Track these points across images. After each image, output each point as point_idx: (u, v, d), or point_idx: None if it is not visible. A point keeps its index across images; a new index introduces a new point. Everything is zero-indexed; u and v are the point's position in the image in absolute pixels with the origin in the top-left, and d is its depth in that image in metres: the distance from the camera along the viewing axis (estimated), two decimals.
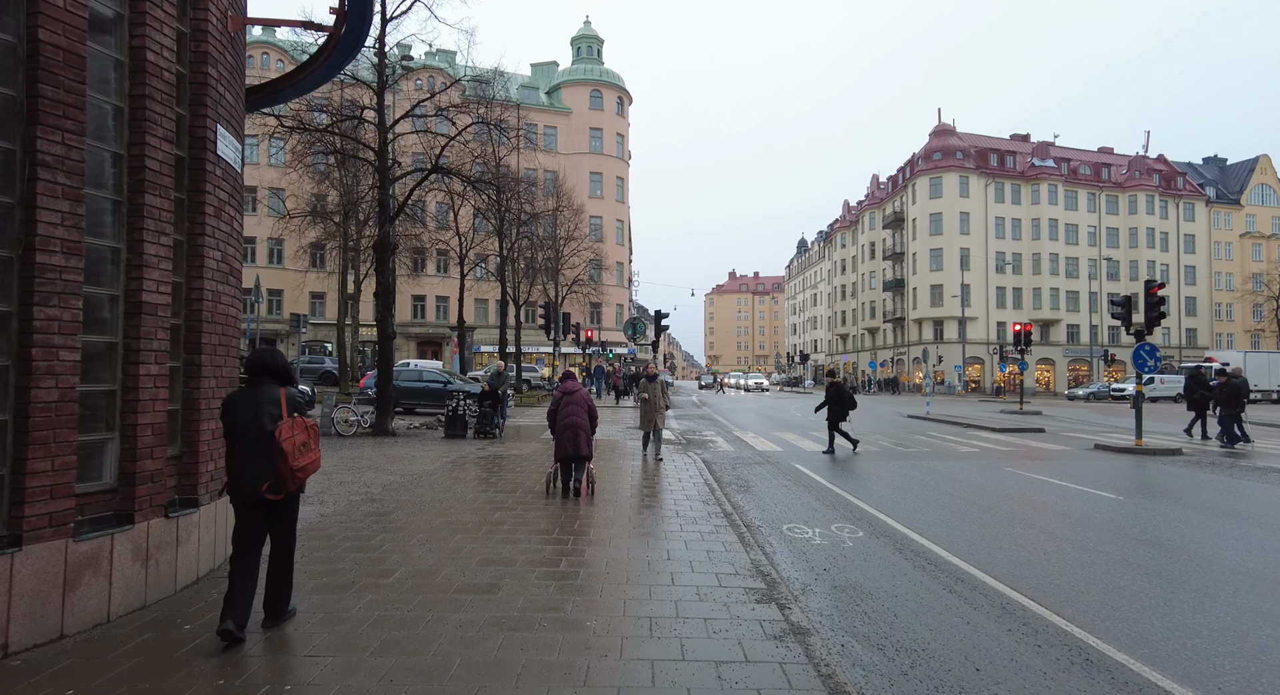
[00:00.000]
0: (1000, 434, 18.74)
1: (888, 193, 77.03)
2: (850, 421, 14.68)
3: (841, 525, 7.86)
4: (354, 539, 6.49)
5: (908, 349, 70.11)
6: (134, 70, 4.62)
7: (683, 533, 6.93)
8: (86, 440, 4.32)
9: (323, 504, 8.01)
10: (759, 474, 11.60)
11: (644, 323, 16.98)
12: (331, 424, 15.18)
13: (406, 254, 39.11)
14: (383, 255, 15.19)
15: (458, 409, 15.28)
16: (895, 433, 19.36)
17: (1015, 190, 66.97)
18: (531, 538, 6.59)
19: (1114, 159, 71.96)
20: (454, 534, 6.69)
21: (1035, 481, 11.00)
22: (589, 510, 7.89)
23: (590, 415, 8.87)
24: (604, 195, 56.79)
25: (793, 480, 11.00)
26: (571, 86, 56.91)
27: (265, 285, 51.79)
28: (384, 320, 15.38)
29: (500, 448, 13.79)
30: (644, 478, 10.33)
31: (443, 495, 8.63)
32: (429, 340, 54.27)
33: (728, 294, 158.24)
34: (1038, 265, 66.32)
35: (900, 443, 16.63)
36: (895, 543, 7.14)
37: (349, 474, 10.17)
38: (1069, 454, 14.68)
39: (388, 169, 15.29)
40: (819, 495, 9.73)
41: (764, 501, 9.27)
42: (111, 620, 4.34)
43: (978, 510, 8.76)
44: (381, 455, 12.36)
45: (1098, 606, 5.22)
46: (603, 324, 55.35)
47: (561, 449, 8.64)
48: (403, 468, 10.89)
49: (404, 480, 9.72)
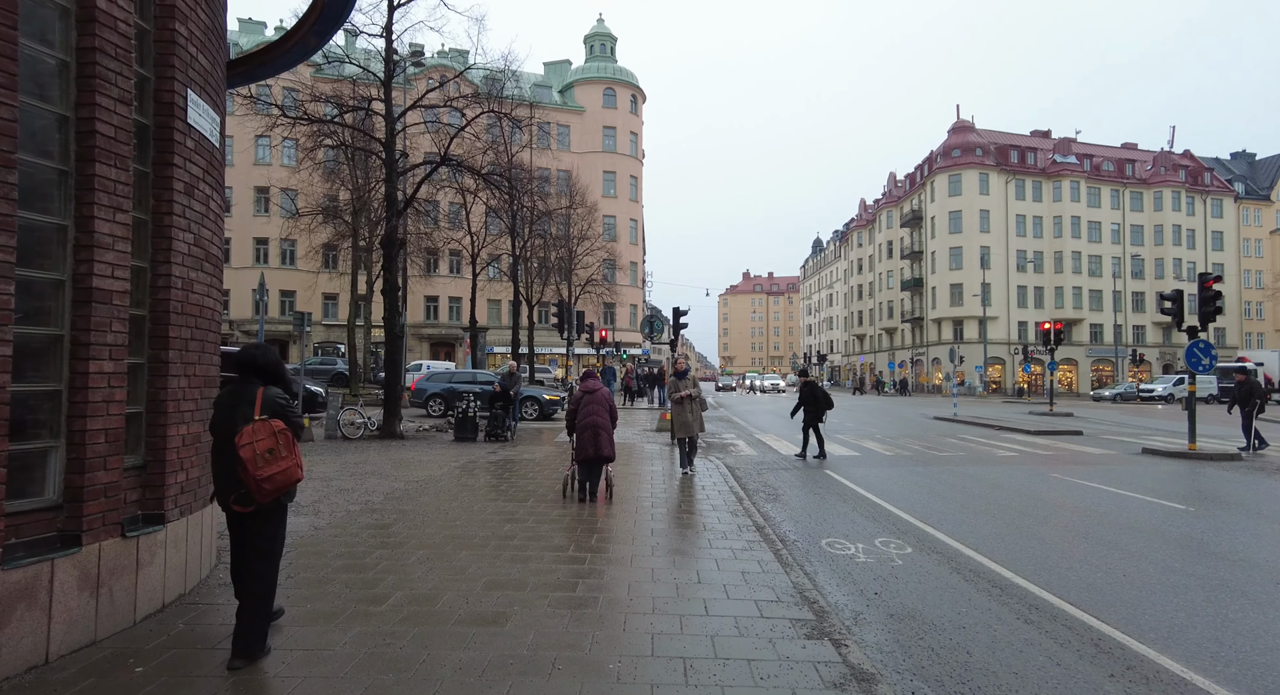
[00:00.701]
0: (1036, 437, 17.86)
1: (905, 191, 75.86)
2: (826, 422, 14.09)
3: (886, 539, 7.12)
4: (348, 556, 5.83)
5: (927, 349, 68.94)
6: (82, 19, 3.98)
7: (712, 550, 6.22)
8: (21, 450, 3.67)
9: (318, 515, 7.37)
10: (787, 481, 10.86)
11: (661, 321, 16.26)
12: (338, 427, 14.59)
13: (419, 254, 38.68)
14: (390, 251, 14.58)
15: (468, 411, 14.64)
16: (924, 435, 18.53)
17: (1036, 187, 65.63)
18: (544, 555, 5.90)
19: (1138, 155, 70.41)
20: (458, 550, 6.01)
21: (1089, 489, 10.17)
22: (607, 521, 7.20)
23: (611, 415, 8.48)
24: (618, 194, 56.15)
25: (824, 487, 10.25)
26: (585, 85, 56.34)
27: (277, 287, 51.98)
28: (391, 318, 14.77)
29: (512, 451, 13.14)
30: (665, 485, 9.62)
31: (448, 504, 7.96)
32: (442, 341, 53.84)
33: (742, 294, 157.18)
34: (1060, 264, 64.93)
35: (931, 446, 15.82)
36: (949, 560, 6.39)
37: (350, 480, 9.53)
38: (1115, 458, 13.81)
39: (395, 162, 14.70)
40: (855, 504, 8.98)
41: (797, 511, 8.53)
42: (51, 661, 3.69)
43: (1033, 522, 7.98)
44: (387, 460, 11.73)
45: (1213, 645, 4.45)
46: (617, 324, 54.72)
47: (582, 449, 8.23)
48: (408, 473, 10.25)
49: (408, 487, 9.07)
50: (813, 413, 13.42)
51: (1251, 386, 14.65)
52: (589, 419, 8.23)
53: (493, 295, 51.73)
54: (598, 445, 8.17)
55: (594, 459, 8.23)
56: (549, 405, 21.45)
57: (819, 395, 13.49)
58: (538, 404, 21.35)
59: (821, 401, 13.41)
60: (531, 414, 21.03)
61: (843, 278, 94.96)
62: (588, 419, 8.24)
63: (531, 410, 21.08)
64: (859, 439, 17.39)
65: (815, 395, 13.46)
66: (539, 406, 21.32)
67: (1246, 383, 14.70)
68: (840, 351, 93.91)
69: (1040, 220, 65.42)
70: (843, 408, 33.83)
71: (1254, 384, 14.77)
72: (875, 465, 12.60)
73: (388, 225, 14.57)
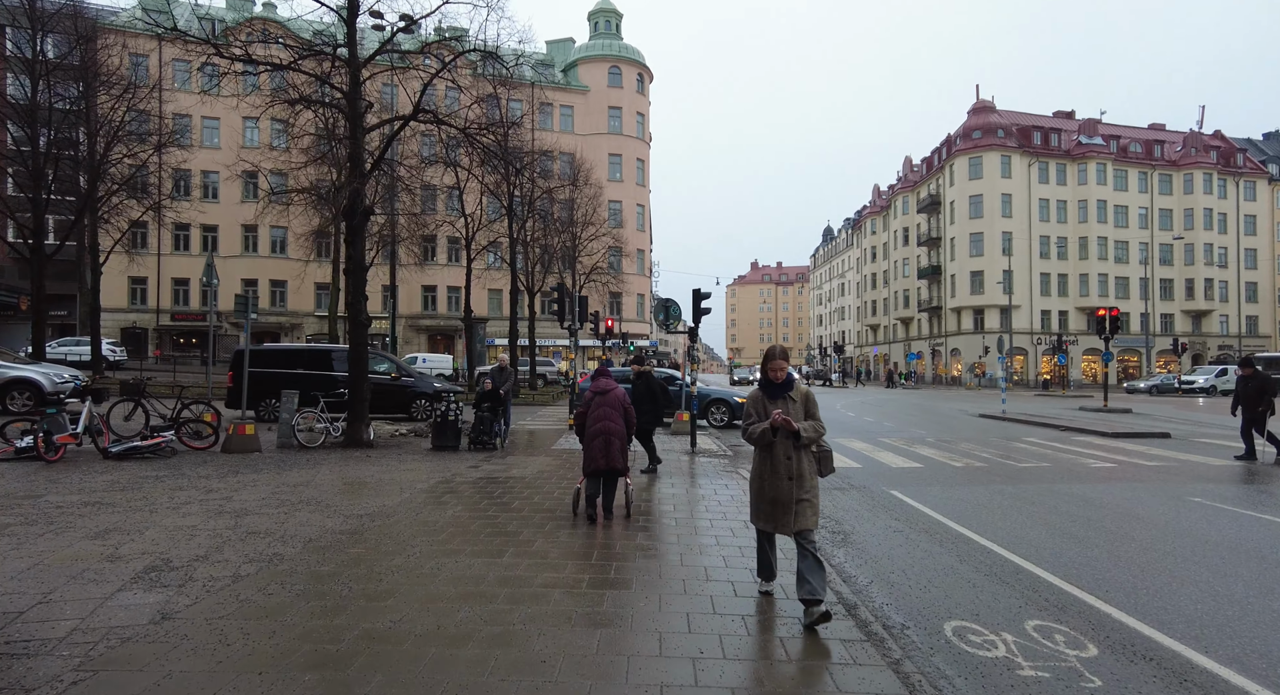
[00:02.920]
0: (1117, 440, 15.33)
1: (922, 175, 73.00)
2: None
3: (1043, 623, 4.68)
4: (182, 684, 3.41)
5: (945, 339, 66.28)
6: None
7: (790, 659, 3.79)
8: None
9: (184, 586, 4.94)
10: (850, 508, 8.41)
11: (677, 307, 13.78)
12: (292, 433, 12.19)
13: (414, 241, 36.28)
14: (354, 222, 12.14)
15: (448, 413, 12.23)
16: (983, 438, 16.04)
17: (1060, 170, 62.73)
18: (521, 684, 3.48)
19: (1166, 136, 67.34)
20: (375, 670, 3.58)
21: (1265, 523, 7.69)
22: (621, 597, 4.77)
23: (627, 419, 7.30)
24: (624, 178, 53.57)
25: (903, 519, 7.80)
26: (589, 63, 53.67)
27: (268, 276, 49.63)
28: (355, 303, 12.35)
29: (500, 465, 10.72)
30: (693, 524, 7.19)
31: (389, 561, 5.55)
32: (441, 332, 51.55)
33: (750, 285, 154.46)
34: (1084, 250, 62.12)
35: (1002, 453, 13.32)
36: (1179, 677, 3.94)
37: (273, 515, 7.12)
38: (1244, 472, 11.27)
39: (360, 114, 12.24)
40: (958, 550, 6.53)
41: (883, 565, 6.09)
42: None
43: (1253, 589, 5.50)
44: (338, 479, 9.32)
45: None
46: (623, 314, 52.27)
47: (591, 460, 7.01)
48: (358, 502, 7.84)
49: (347, 527, 6.65)
50: (650, 412, 10.11)
51: (1263, 382, 12.20)
52: (600, 424, 7.04)
53: (493, 284, 49.31)
54: (609, 455, 6.92)
55: (605, 472, 7.00)
56: (741, 408, 18.06)
57: (654, 388, 10.31)
58: (728, 408, 18.12)
59: (659, 397, 10.28)
60: (720, 420, 18.04)
61: (855, 266, 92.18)
62: (598, 424, 7.05)
63: (720, 416, 18.05)
64: (910, 443, 14.91)
65: (652, 389, 10.26)
66: (729, 411, 18.14)
67: (1255, 377, 12.25)
68: (853, 342, 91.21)
69: (1064, 204, 62.58)
70: (873, 402, 31.33)
71: (1265, 378, 12.37)
72: (949, 483, 10.14)
73: (351, 190, 12.10)
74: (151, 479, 8.88)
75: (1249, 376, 12.33)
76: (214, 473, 9.43)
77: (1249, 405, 12.18)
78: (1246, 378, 12.37)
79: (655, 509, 7.66)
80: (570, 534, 6.47)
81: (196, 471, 9.49)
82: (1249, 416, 12.22)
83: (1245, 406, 12.27)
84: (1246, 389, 12.26)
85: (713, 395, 18.37)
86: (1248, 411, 12.22)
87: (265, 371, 15.82)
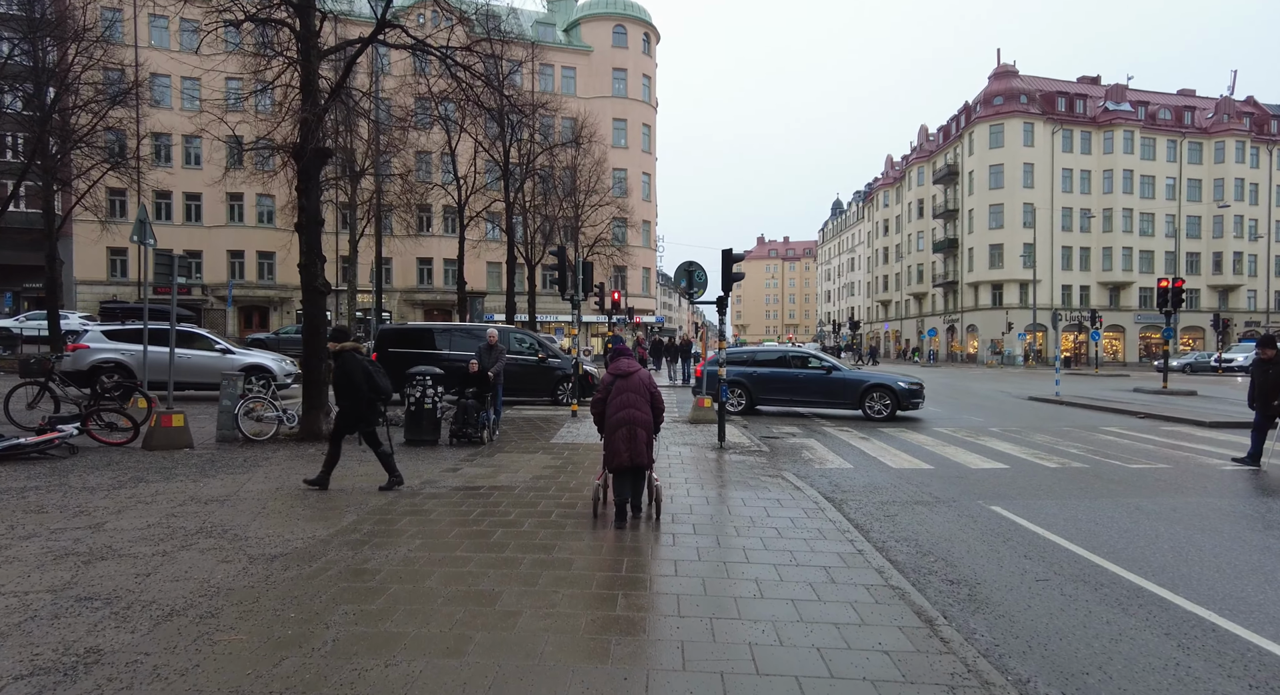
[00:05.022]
0: (1216, 431, 13.10)
1: (938, 144, 70.02)
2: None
3: None
4: None
5: (961, 315, 63.89)
6: None
7: None
8: None
9: None
10: (952, 537, 6.22)
11: (703, 270, 11.49)
12: (235, 424, 10.01)
13: (408, 211, 33.88)
14: (307, 165, 9.84)
15: (423, 400, 10.03)
16: (1054, 428, 13.85)
17: (1085, 138, 59.83)
18: None
19: (1197, 102, 64.20)
20: None
21: None
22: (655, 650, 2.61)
23: (654, 406, 6.28)
24: (629, 145, 50.84)
25: (1039, 558, 5.61)
26: (592, 21, 50.64)
27: (254, 247, 47.20)
28: (310, 265, 10.08)
29: (486, 467, 8.55)
30: (717, 536, 5.03)
31: (271, 672, 3.38)
32: (438, 307, 49.22)
33: (756, 260, 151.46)
34: (1109, 222, 59.43)
35: (1096, 450, 11.01)
36: None
37: (140, 561, 4.93)
38: None
39: (314, 33, 9.88)
40: (1159, 621, 4.36)
41: (1057, 651, 3.92)
42: None
43: None
44: (271, 490, 7.14)
45: None
46: (628, 289, 49.93)
47: (614, 455, 6.07)
48: (281, 529, 5.67)
49: (239, 584, 4.49)
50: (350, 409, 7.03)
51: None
52: (622, 412, 6.08)
53: (491, 257, 46.97)
54: (633, 449, 6.00)
55: (629, 467, 6.04)
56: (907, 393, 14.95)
57: (355, 374, 6.93)
58: (891, 395, 14.74)
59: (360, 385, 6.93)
60: (882, 410, 14.69)
61: (866, 241, 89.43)
62: (621, 412, 6.08)
63: (882, 405, 14.72)
64: (974, 434, 12.72)
65: (348, 372, 6.92)
66: (892, 399, 14.73)
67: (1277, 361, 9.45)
68: (862, 318, 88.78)
69: (1088, 174, 59.77)
70: None
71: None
72: (1056, 492, 7.95)
73: (300, 121, 9.77)
74: (12, 492, 6.71)
75: (1268, 360, 9.50)
76: (107, 482, 7.25)
77: (1268, 396, 9.42)
78: (1266, 362, 9.53)
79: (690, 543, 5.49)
80: (581, 594, 4.30)
81: (85, 480, 7.32)
82: (1268, 413, 9.46)
83: (1263, 398, 9.48)
84: (1266, 377, 9.49)
85: (871, 380, 15.26)
86: (1265, 405, 9.46)
87: (405, 352, 14.84)
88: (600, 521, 6.07)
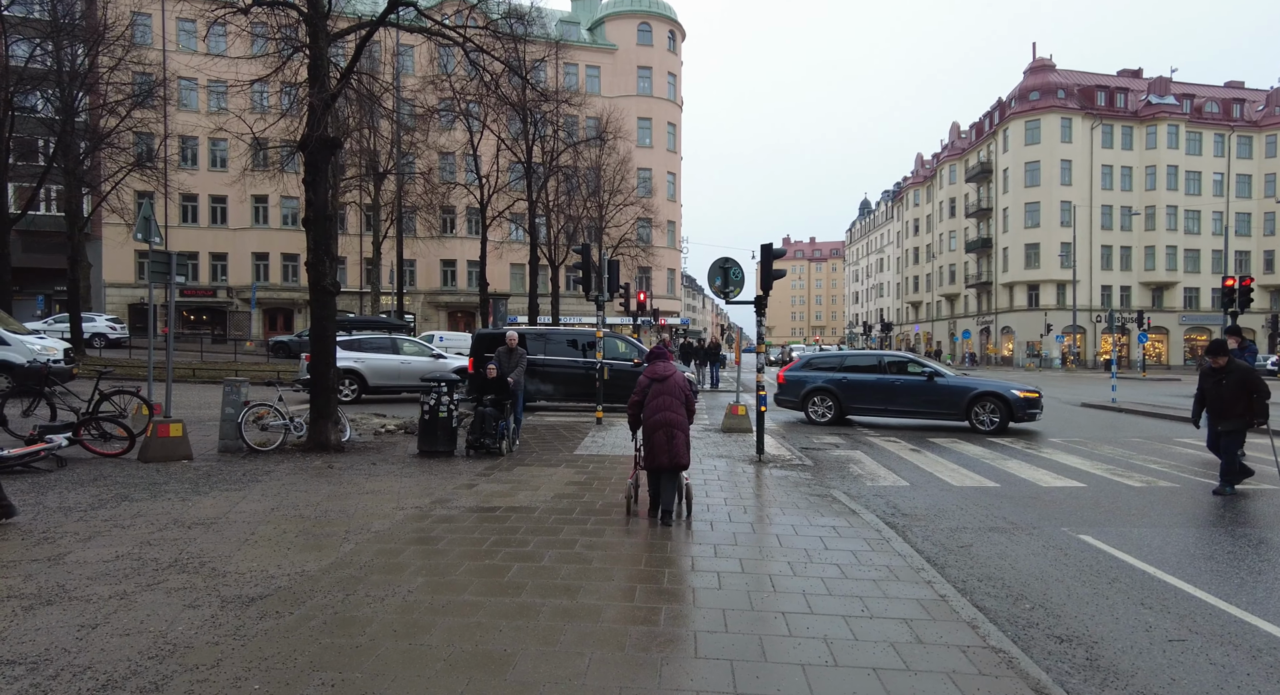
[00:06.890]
0: None
1: (971, 141, 68.24)
2: None
3: None
4: None
5: (995, 317, 62.06)
6: None
7: None
8: None
9: None
10: (1043, 574, 5.29)
11: (739, 267, 10.64)
12: (238, 433, 9.36)
13: (432, 212, 33.46)
14: (314, 156, 9.20)
15: (438, 408, 9.29)
16: (1122, 439, 12.76)
17: (1126, 134, 57.77)
18: None
19: (1246, 94, 61.70)
20: None
21: None
22: None
23: (689, 408, 6.41)
24: (654, 144, 50.02)
25: (1160, 607, 4.67)
26: (617, 19, 49.95)
27: (279, 250, 47.10)
28: (317, 263, 9.41)
29: (504, 483, 7.78)
30: (805, 606, 4.18)
31: None
32: (461, 309, 48.81)
33: (782, 262, 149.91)
34: (1151, 220, 57.30)
35: (1180, 466, 9.88)
36: None
37: (94, 605, 4.21)
38: None
39: (323, 15, 9.24)
40: None
41: None
42: None
43: None
44: (266, 510, 6.44)
45: None
46: (653, 290, 49.11)
47: (652, 456, 6.18)
48: (268, 560, 4.94)
49: (203, 638, 3.75)
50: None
51: (1244, 375, 7.91)
52: (660, 414, 6.23)
53: (514, 259, 46.51)
54: (672, 450, 6.11)
55: (668, 468, 6.18)
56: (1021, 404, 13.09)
57: None
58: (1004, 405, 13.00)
59: None
60: (990, 423, 13.11)
61: (895, 241, 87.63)
62: (658, 414, 6.23)
63: (991, 415, 13.14)
64: (1034, 446, 11.68)
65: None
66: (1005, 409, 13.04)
67: (1232, 369, 7.97)
68: (892, 319, 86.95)
69: (1129, 171, 57.70)
70: None
71: (1246, 370, 8.03)
72: (1151, 519, 6.96)
73: (307, 107, 9.14)
74: None
75: (1221, 369, 7.96)
76: (86, 501, 6.59)
77: (1222, 409, 7.94)
78: (1217, 371, 7.99)
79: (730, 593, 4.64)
80: (613, 658, 3.48)
81: (64, 498, 6.66)
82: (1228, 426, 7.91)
83: (1215, 411, 8.05)
84: (1220, 387, 7.94)
85: (979, 387, 13.56)
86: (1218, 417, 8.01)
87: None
88: (631, 533, 5.80)
